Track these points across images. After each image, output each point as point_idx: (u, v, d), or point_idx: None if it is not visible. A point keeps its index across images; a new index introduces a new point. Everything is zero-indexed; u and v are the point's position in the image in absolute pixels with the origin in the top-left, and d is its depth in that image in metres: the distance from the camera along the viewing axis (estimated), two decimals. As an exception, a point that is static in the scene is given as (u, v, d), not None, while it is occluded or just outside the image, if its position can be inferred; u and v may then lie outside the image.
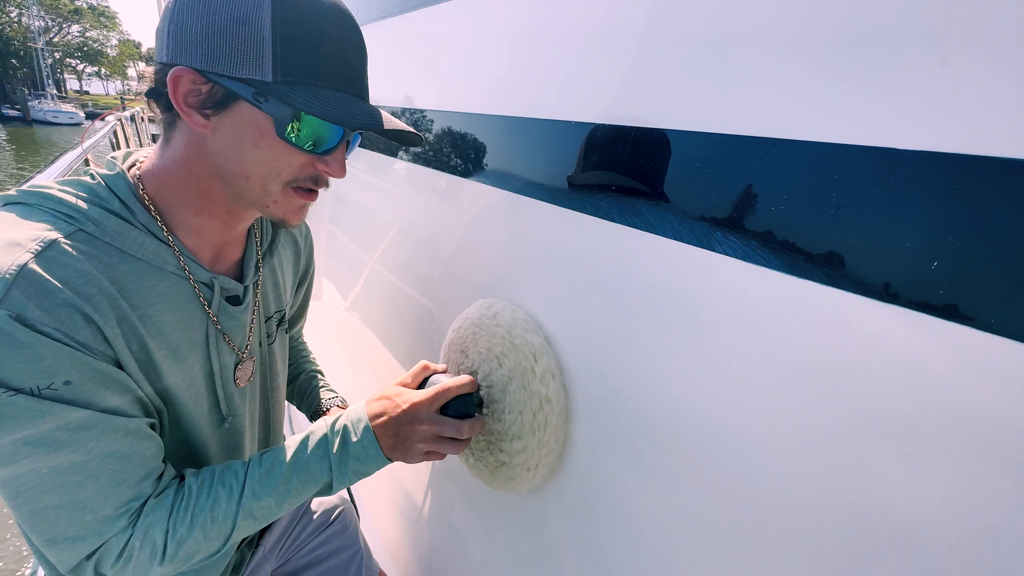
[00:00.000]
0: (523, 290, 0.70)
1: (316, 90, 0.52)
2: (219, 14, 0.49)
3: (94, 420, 0.50)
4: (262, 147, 0.54)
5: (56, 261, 0.49)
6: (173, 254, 0.58)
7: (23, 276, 0.46)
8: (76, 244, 0.51)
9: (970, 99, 0.32)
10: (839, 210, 0.38)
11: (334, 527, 0.99)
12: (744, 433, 0.45)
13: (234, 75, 0.50)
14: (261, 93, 0.51)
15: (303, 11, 0.51)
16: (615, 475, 0.58)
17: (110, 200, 0.54)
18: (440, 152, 0.91)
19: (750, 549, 0.45)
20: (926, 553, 0.34)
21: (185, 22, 0.50)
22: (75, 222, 0.52)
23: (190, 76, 0.50)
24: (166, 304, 0.57)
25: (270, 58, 0.50)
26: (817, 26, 0.39)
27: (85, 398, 0.50)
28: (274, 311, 0.77)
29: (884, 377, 0.36)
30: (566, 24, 0.64)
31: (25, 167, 16.61)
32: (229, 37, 0.49)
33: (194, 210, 0.59)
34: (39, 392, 0.47)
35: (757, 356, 0.43)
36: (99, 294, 0.51)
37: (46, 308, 0.47)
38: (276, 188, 0.57)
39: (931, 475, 0.34)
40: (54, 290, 0.47)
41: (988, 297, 0.31)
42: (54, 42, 55.91)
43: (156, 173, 0.58)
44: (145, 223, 0.56)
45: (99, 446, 0.51)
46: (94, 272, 0.51)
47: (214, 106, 0.52)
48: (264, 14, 0.49)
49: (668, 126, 0.50)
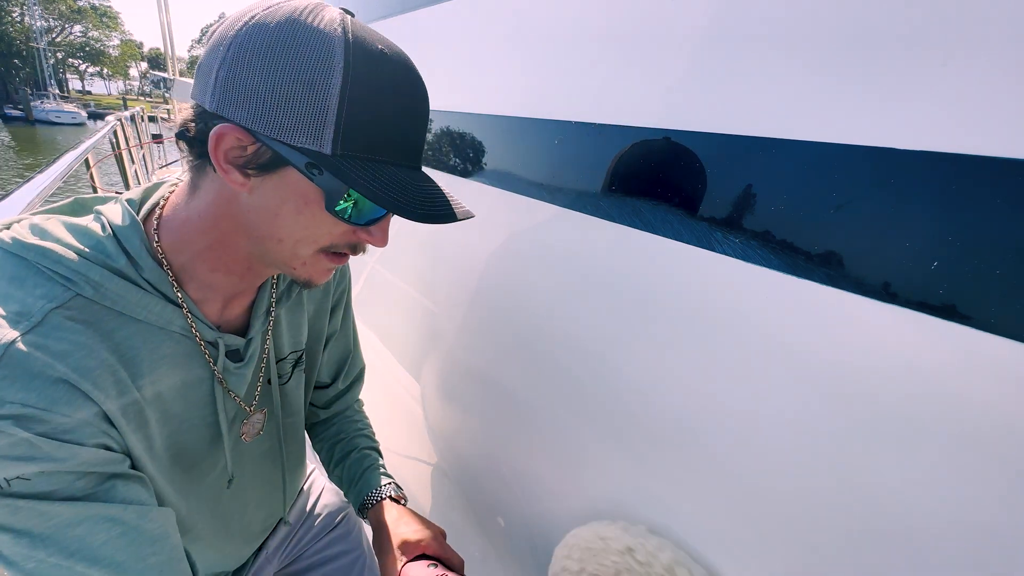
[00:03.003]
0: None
1: (376, 166, 0.47)
2: (283, 73, 0.43)
3: (79, 514, 0.45)
4: (304, 214, 0.49)
5: (50, 336, 0.45)
6: (181, 314, 0.54)
7: (8, 357, 0.42)
8: (72, 312, 0.47)
9: (970, 99, 0.31)
10: (839, 210, 0.38)
11: (338, 530, 0.99)
12: (744, 433, 0.45)
13: (288, 141, 0.45)
14: (316, 165, 0.46)
15: (375, 80, 0.46)
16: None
17: (116, 257, 0.50)
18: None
19: (750, 549, 0.45)
20: (926, 552, 0.34)
21: (241, 73, 0.44)
22: (73, 286, 0.47)
23: (236, 134, 0.45)
24: (169, 367, 0.54)
25: (332, 130, 0.45)
26: (816, 26, 0.39)
27: (67, 491, 0.45)
28: (289, 352, 0.71)
29: (884, 377, 0.36)
30: (565, 24, 0.64)
31: (29, 163, 16.64)
32: (290, 100, 0.44)
33: (211, 266, 0.55)
34: (5, 486, 0.42)
35: (757, 356, 0.43)
36: (99, 367, 0.47)
37: (35, 389, 0.43)
38: (308, 252, 0.53)
39: (931, 475, 0.34)
40: (43, 369, 0.44)
41: (988, 297, 0.31)
42: (56, 42, 56.05)
43: (177, 225, 0.53)
44: (154, 282, 0.52)
45: (87, 549, 0.45)
46: (91, 343, 0.47)
47: (258, 168, 0.47)
48: (334, 82, 0.44)
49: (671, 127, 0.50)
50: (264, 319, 0.64)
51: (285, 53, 0.43)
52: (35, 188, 1.51)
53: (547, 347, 0.68)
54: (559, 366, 0.67)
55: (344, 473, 0.83)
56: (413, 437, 1.13)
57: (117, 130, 3.79)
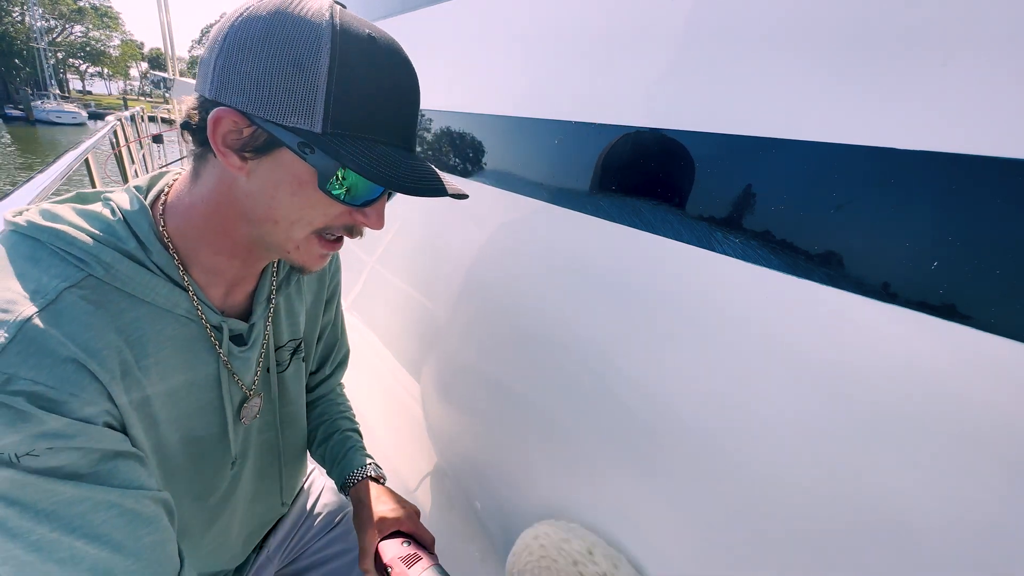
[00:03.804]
0: None
1: (366, 144, 0.49)
2: (273, 56, 0.46)
3: (82, 494, 0.46)
4: (299, 195, 0.52)
5: (63, 315, 0.46)
6: (187, 297, 0.56)
7: (23, 334, 0.44)
8: (85, 292, 0.48)
9: (970, 99, 0.31)
10: (839, 210, 0.38)
11: (339, 529, 0.99)
12: (743, 433, 0.45)
13: (281, 122, 0.47)
14: (308, 144, 0.48)
15: (362, 61, 0.48)
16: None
17: (127, 240, 0.52)
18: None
19: (749, 550, 0.45)
20: (925, 552, 0.34)
21: (235, 60, 0.47)
22: (86, 266, 0.49)
23: (232, 118, 0.48)
24: (173, 348, 0.56)
25: (322, 109, 0.47)
26: (816, 26, 0.39)
27: (72, 468, 0.46)
28: (287, 340, 0.74)
29: (884, 377, 0.36)
30: (564, 24, 0.64)
31: (32, 162, 16.65)
32: (281, 82, 0.46)
33: (214, 250, 0.57)
34: (15, 461, 0.43)
35: (757, 356, 0.43)
36: (105, 348, 0.48)
37: (47, 367, 0.44)
38: (303, 234, 0.55)
39: (931, 475, 0.34)
40: (55, 348, 0.45)
41: (988, 297, 0.31)
42: (57, 42, 56.08)
43: (181, 210, 0.56)
44: (161, 265, 0.54)
45: (87, 526, 0.46)
46: (101, 324, 0.49)
47: (254, 150, 0.49)
48: (321, 62, 0.46)
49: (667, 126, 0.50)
50: (265, 305, 0.66)
51: (275, 38, 0.46)
52: (35, 188, 1.51)
53: (534, 344, 0.69)
54: (545, 362, 0.67)
55: (327, 453, 0.86)
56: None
57: (117, 130, 3.79)
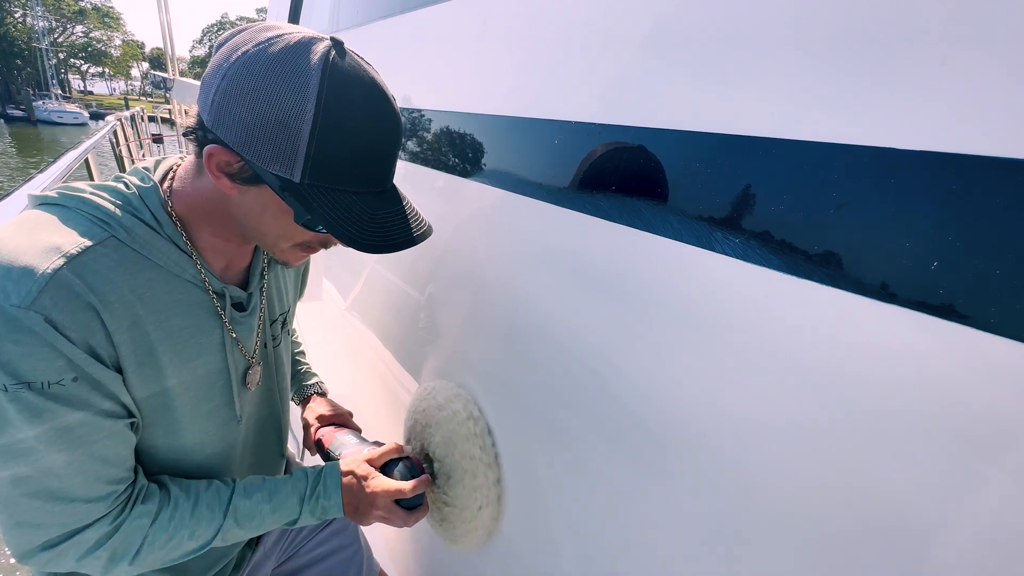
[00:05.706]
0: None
1: (337, 196, 0.55)
2: (263, 109, 0.51)
3: (85, 421, 0.55)
4: (280, 221, 0.59)
5: (87, 267, 0.53)
6: (193, 265, 0.63)
7: (55, 281, 0.51)
8: (107, 251, 0.55)
9: (970, 99, 0.31)
10: (839, 210, 0.38)
11: (334, 526, 1.00)
12: (742, 433, 0.45)
13: (265, 167, 0.53)
14: (286, 188, 0.54)
15: (346, 122, 0.53)
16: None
17: (142, 210, 0.59)
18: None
19: (750, 549, 0.45)
20: (925, 553, 0.34)
21: (231, 101, 0.52)
22: (109, 228, 0.56)
23: (224, 156, 0.54)
24: (180, 310, 0.62)
25: (301, 164, 0.52)
26: (815, 26, 0.39)
27: (83, 399, 0.54)
28: (278, 314, 0.81)
29: (884, 377, 0.36)
30: (563, 24, 0.64)
31: (34, 162, 16.73)
32: (267, 135, 0.51)
33: (212, 232, 0.64)
34: (47, 387, 0.51)
35: (757, 357, 0.43)
36: (118, 301, 0.55)
37: (71, 311, 0.51)
38: (286, 246, 0.64)
39: (930, 475, 0.34)
40: (81, 294, 0.52)
41: (988, 297, 0.31)
42: (58, 42, 56.12)
43: (186, 196, 0.62)
44: (171, 235, 0.61)
45: (87, 446, 0.56)
46: (118, 279, 0.55)
47: (243, 180, 0.56)
48: (305, 122, 0.51)
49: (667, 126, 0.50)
50: (260, 277, 0.75)
51: (267, 93, 0.51)
52: (35, 188, 1.52)
53: (527, 342, 0.68)
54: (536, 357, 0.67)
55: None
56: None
57: (117, 130, 3.80)
